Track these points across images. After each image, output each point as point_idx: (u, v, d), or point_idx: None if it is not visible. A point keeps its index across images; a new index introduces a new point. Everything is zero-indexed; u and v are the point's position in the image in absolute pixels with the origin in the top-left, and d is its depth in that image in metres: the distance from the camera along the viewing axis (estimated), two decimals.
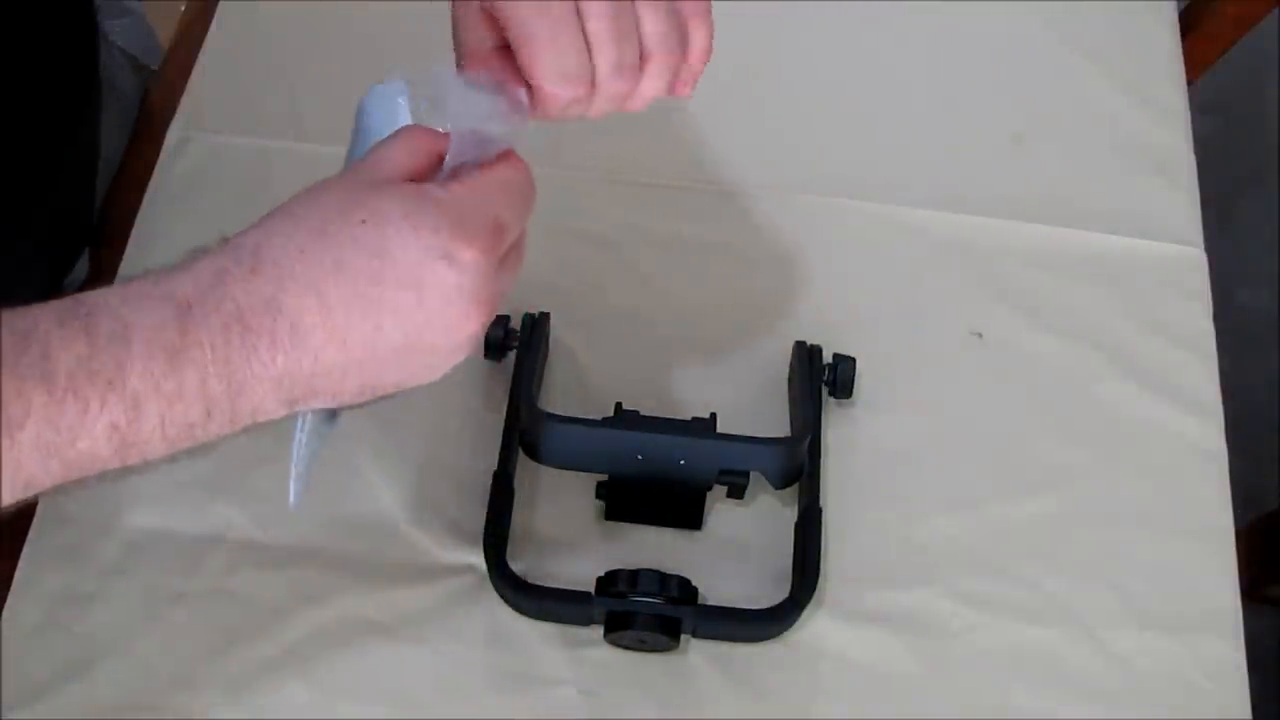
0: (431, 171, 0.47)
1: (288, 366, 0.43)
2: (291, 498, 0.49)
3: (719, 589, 0.66)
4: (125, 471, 0.42)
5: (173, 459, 0.43)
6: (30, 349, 0.39)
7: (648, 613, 0.63)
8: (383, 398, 0.47)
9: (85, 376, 0.39)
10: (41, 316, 0.40)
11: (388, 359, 0.45)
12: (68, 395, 0.39)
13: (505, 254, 0.47)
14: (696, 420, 0.68)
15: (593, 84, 0.48)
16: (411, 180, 0.46)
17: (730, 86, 0.85)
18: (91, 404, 0.40)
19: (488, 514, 0.66)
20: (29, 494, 0.41)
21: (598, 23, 0.46)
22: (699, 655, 0.66)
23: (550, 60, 0.47)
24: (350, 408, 0.47)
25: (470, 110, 0.47)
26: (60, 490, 0.42)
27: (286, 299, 0.42)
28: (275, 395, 0.43)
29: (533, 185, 0.48)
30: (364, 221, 0.43)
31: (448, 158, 0.47)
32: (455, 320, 0.45)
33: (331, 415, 0.50)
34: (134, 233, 0.76)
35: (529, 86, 0.48)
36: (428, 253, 0.43)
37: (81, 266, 0.77)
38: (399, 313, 0.44)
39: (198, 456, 0.44)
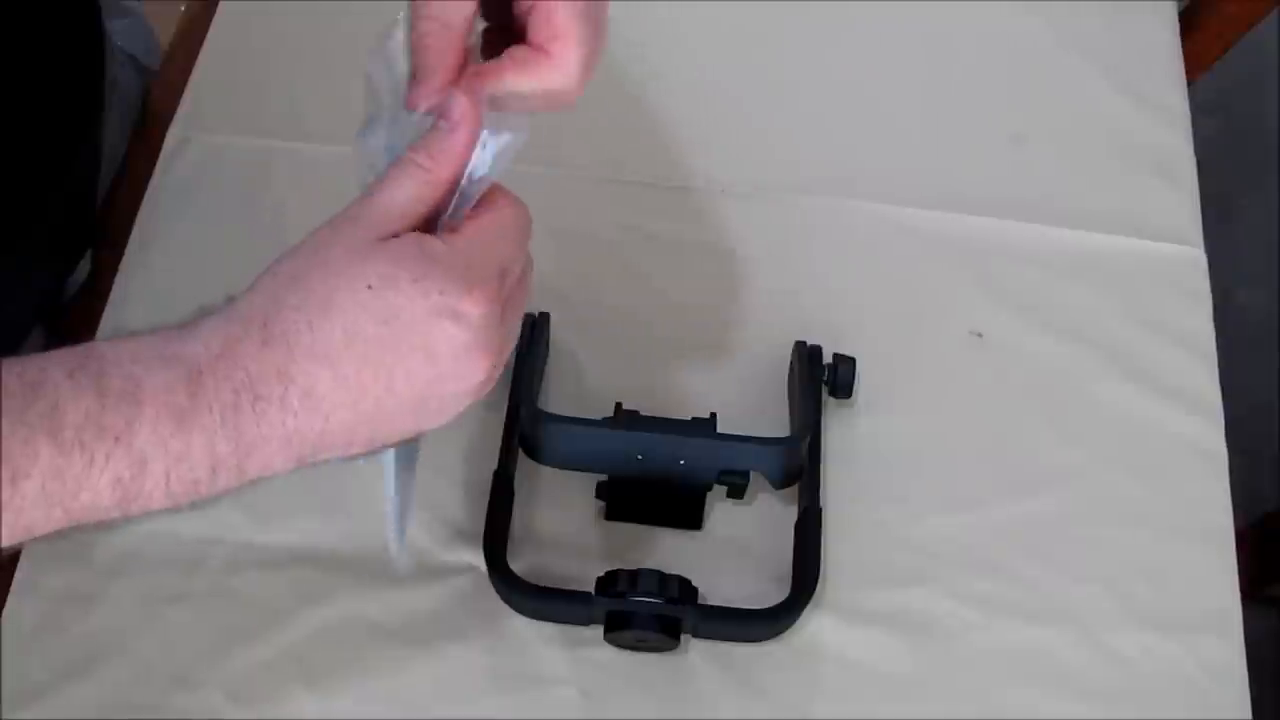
0: (438, 208, 0.47)
1: (298, 428, 0.43)
2: (393, 549, 0.52)
3: (719, 589, 0.66)
4: (125, 520, 0.43)
5: (175, 510, 0.43)
6: (39, 400, 0.39)
7: (648, 612, 0.63)
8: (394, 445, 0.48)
9: (94, 431, 0.40)
10: (51, 368, 0.40)
11: (399, 413, 0.45)
12: (74, 448, 0.40)
13: (510, 292, 0.47)
14: (696, 420, 0.68)
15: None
16: (418, 224, 0.46)
17: (730, 87, 0.85)
18: (97, 458, 0.40)
19: (488, 514, 0.66)
20: (28, 538, 0.41)
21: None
22: (699, 655, 0.66)
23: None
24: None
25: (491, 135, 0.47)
26: (60, 535, 0.42)
27: (298, 369, 0.43)
28: (284, 454, 0.44)
29: (529, 219, 0.49)
30: (370, 287, 0.44)
31: (455, 199, 0.47)
32: (466, 371, 0.46)
33: (411, 451, 0.51)
34: (134, 233, 0.76)
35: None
36: (435, 314, 0.44)
37: (83, 267, 0.77)
38: (410, 373, 0.44)
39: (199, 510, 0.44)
